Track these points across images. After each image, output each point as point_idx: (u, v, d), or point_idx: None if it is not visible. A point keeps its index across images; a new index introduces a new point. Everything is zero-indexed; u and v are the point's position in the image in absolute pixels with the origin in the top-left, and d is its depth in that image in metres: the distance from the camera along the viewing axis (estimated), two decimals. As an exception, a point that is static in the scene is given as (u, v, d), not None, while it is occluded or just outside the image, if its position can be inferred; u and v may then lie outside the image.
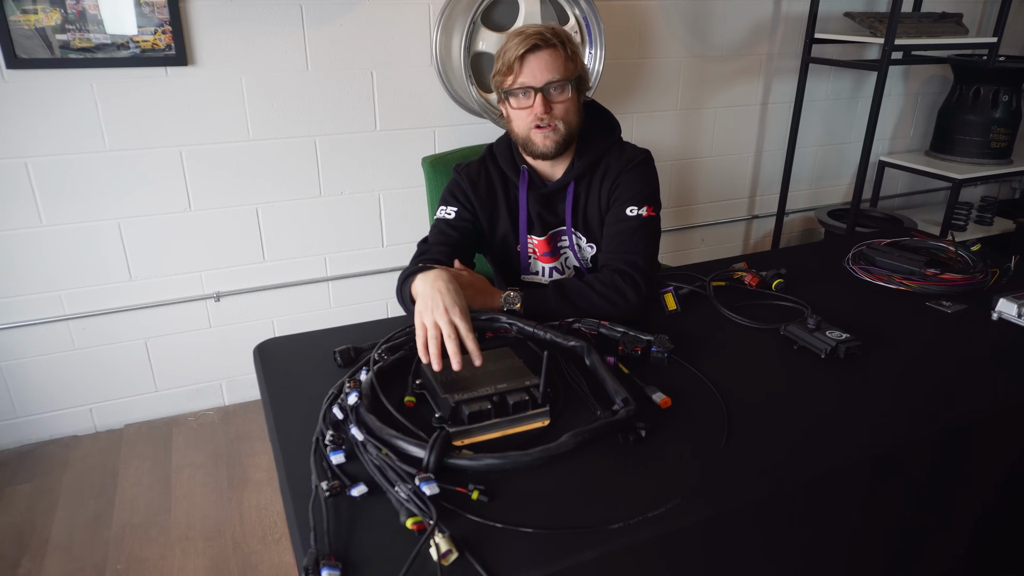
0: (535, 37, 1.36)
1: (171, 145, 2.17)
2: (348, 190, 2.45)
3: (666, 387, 1.12)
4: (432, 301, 1.14)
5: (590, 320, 1.29)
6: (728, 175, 3.16)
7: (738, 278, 1.55)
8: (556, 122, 1.41)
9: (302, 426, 1.05)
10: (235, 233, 2.35)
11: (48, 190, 2.08)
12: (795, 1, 2.93)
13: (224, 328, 2.45)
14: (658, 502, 0.88)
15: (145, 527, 1.98)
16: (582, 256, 1.57)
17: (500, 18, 2.28)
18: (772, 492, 0.94)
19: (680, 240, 3.19)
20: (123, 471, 2.21)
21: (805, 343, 1.26)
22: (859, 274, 1.60)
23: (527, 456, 0.93)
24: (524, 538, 0.83)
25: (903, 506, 1.13)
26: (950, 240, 1.70)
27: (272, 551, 1.89)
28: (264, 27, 2.16)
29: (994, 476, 1.24)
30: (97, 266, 2.22)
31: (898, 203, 3.68)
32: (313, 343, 1.31)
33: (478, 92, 2.27)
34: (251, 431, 2.41)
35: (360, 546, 0.83)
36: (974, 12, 3.37)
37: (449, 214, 1.51)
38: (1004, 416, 1.14)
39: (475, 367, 1.09)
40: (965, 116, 3.16)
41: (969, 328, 1.37)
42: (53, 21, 1.91)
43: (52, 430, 2.36)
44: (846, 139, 3.36)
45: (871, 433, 1.04)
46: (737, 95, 3.01)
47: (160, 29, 2.02)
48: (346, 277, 2.56)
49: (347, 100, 2.34)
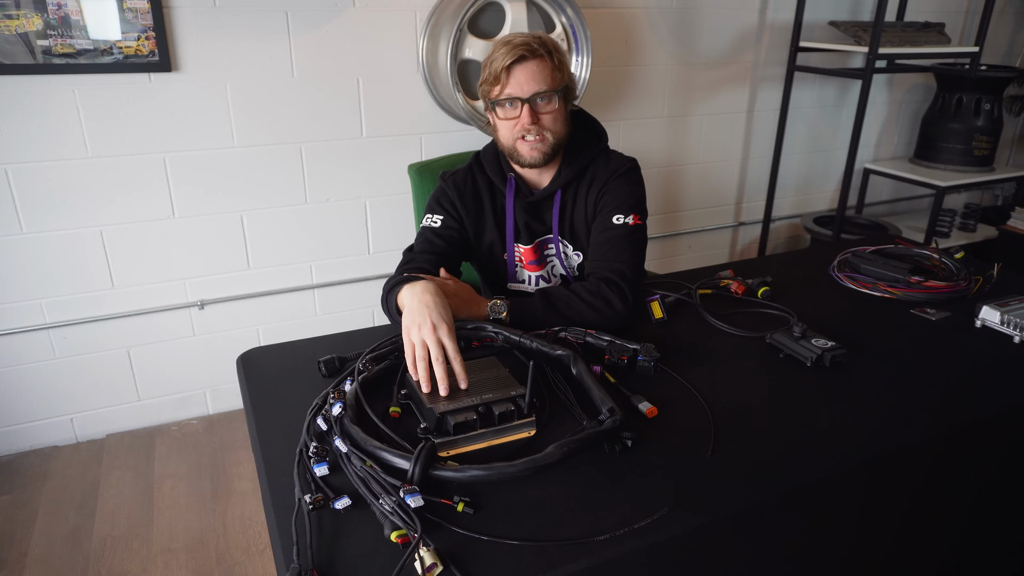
0: (522, 48, 1.36)
1: (155, 152, 2.15)
2: (334, 197, 2.43)
3: (652, 396, 1.12)
4: (420, 317, 1.13)
5: (576, 329, 1.29)
6: (714, 182, 3.18)
7: (724, 286, 1.55)
8: (544, 132, 1.41)
9: (286, 438, 1.03)
10: (220, 240, 2.33)
11: (29, 197, 2.06)
12: (780, 10, 2.96)
13: (208, 336, 2.43)
14: (645, 512, 0.88)
15: (127, 539, 1.95)
16: (569, 265, 1.56)
17: (486, 25, 2.28)
18: (759, 501, 0.93)
19: (667, 247, 3.20)
20: (104, 482, 2.18)
21: (791, 351, 1.26)
22: (844, 282, 1.60)
23: (513, 467, 0.93)
24: (510, 550, 0.82)
25: (891, 513, 1.13)
26: (934, 247, 1.72)
27: (256, 562, 1.87)
28: (249, 33, 2.15)
29: (980, 483, 1.24)
30: (79, 274, 2.19)
31: (883, 210, 3.71)
32: (297, 353, 1.29)
33: (464, 99, 2.26)
34: (235, 441, 2.38)
35: (344, 560, 0.81)
36: (956, 22, 3.42)
37: (435, 222, 1.50)
38: (989, 423, 1.14)
39: (451, 378, 1.08)
40: (948, 124, 3.19)
41: (953, 335, 1.38)
42: (35, 26, 1.89)
43: (32, 440, 2.32)
44: (831, 146, 3.39)
45: (857, 441, 1.05)
46: (723, 103, 3.02)
47: (144, 35, 2.01)
48: (332, 285, 2.54)
49: (333, 107, 2.33)
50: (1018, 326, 1.34)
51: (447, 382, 1.06)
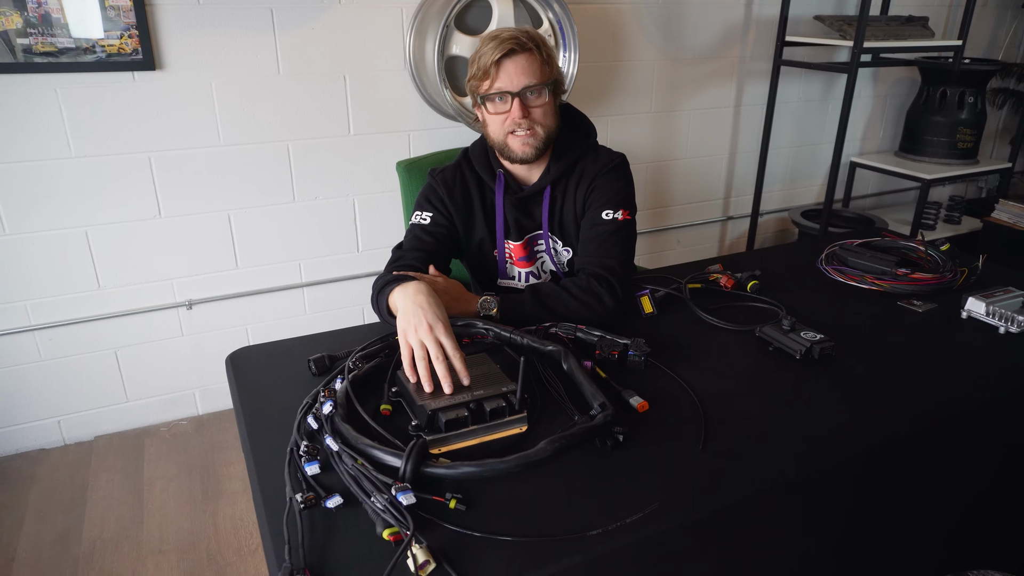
0: (511, 42, 1.36)
1: (139, 151, 2.13)
2: (322, 195, 2.42)
3: (643, 391, 1.12)
4: (415, 318, 1.13)
5: (567, 324, 1.29)
6: (703, 177, 3.19)
7: (714, 280, 1.56)
8: (534, 126, 1.40)
9: (276, 437, 1.03)
10: (207, 240, 2.31)
11: (11, 198, 2.03)
12: (766, 4, 2.97)
13: (197, 336, 2.41)
14: (636, 507, 0.88)
15: (116, 542, 1.93)
16: (558, 260, 1.56)
17: (473, 22, 2.28)
18: (749, 495, 0.94)
19: (656, 241, 3.20)
20: (93, 484, 2.16)
21: (780, 344, 1.27)
22: (832, 275, 1.61)
23: (504, 463, 0.93)
24: (503, 546, 0.82)
25: (881, 504, 1.14)
26: (920, 240, 1.73)
27: (248, 562, 1.86)
28: (234, 31, 2.13)
29: (970, 472, 1.26)
30: (64, 275, 2.17)
31: (869, 203, 3.74)
32: (287, 351, 1.29)
33: (452, 96, 2.26)
34: (225, 441, 2.37)
35: (336, 559, 0.81)
36: (940, 15, 3.44)
37: (424, 219, 1.49)
38: (976, 413, 1.16)
39: (452, 374, 1.08)
40: (932, 117, 3.22)
41: (940, 327, 1.39)
42: (14, 24, 1.86)
43: (18, 443, 2.30)
44: (818, 140, 3.41)
45: (846, 433, 1.05)
46: (710, 97, 3.03)
47: (127, 33, 1.98)
48: (321, 283, 2.53)
49: (320, 104, 2.31)
50: (1003, 317, 1.36)
51: (450, 379, 1.06)
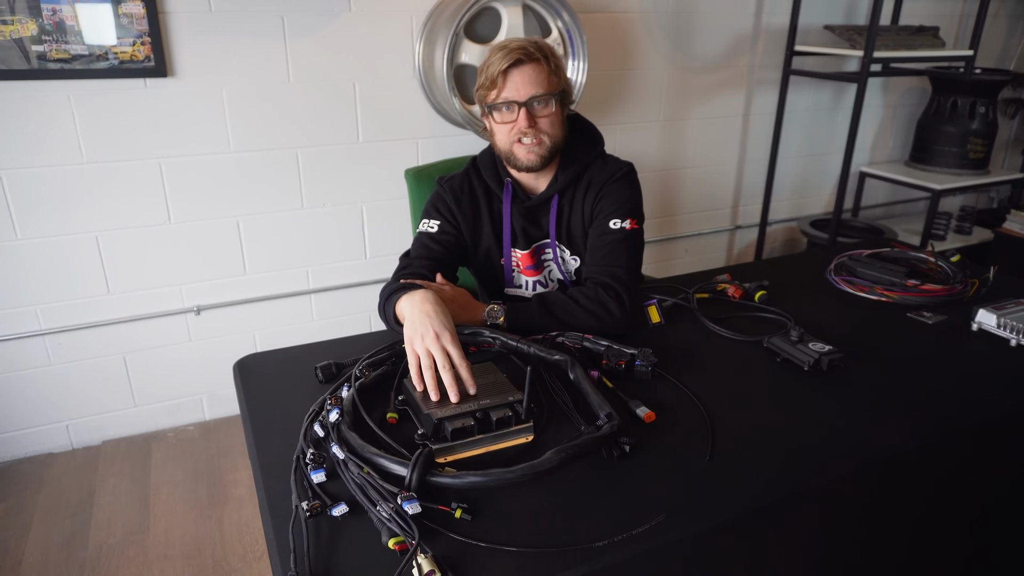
0: (518, 52, 1.36)
1: (150, 157, 2.15)
2: (331, 202, 2.43)
3: (650, 401, 1.12)
4: (422, 326, 1.13)
5: (574, 334, 1.29)
6: (711, 186, 3.18)
7: (721, 290, 1.55)
8: (541, 136, 1.41)
9: (282, 444, 1.03)
10: (216, 246, 2.32)
11: (24, 203, 2.05)
12: (775, 14, 2.96)
13: (205, 342, 2.42)
14: (643, 519, 0.88)
15: (122, 546, 1.94)
16: (566, 269, 1.56)
17: (483, 30, 2.29)
18: (757, 507, 0.93)
19: (664, 251, 3.20)
20: (100, 489, 2.17)
21: (788, 355, 1.26)
22: (841, 285, 1.61)
23: (510, 473, 0.92)
24: (508, 557, 0.82)
25: (890, 517, 1.13)
26: (930, 251, 1.72)
27: (253, 569, 1.86)
28: (245, 38, 2.14)
29: (981, 485, 1.24)
30: (74, 280, 2.18)
31: (879, 213, 3.72)
32: (294, 359, 1.29)
33: (461, 104, 2.26)
34: (232, 447, 2.38)
35: (341, 567, 0.81)
36: (950, 26, 3.43)
37: (432, 227, 1.50)
38: (987, 427, 1.14)
39: (458, 383, 1.07)
40: (943, 127, 3.20)
41: (950, 339, 1.38)
42: (30, 32, 1.89)
43: (27, 448, 2.31)
44: (827, 150, 3.40)
45: (854, 446, 1.04)
46: (719, 106, 3.03)
47: (139, 40, 2.00)
48: (329, 290, 2.54)
49: (329, 112, 2.32)
50: (1014, 329, 1.35)
51: (456, 388, 1.06)
